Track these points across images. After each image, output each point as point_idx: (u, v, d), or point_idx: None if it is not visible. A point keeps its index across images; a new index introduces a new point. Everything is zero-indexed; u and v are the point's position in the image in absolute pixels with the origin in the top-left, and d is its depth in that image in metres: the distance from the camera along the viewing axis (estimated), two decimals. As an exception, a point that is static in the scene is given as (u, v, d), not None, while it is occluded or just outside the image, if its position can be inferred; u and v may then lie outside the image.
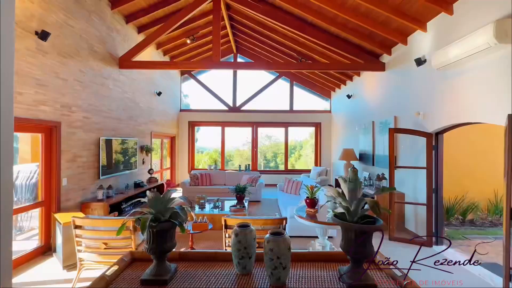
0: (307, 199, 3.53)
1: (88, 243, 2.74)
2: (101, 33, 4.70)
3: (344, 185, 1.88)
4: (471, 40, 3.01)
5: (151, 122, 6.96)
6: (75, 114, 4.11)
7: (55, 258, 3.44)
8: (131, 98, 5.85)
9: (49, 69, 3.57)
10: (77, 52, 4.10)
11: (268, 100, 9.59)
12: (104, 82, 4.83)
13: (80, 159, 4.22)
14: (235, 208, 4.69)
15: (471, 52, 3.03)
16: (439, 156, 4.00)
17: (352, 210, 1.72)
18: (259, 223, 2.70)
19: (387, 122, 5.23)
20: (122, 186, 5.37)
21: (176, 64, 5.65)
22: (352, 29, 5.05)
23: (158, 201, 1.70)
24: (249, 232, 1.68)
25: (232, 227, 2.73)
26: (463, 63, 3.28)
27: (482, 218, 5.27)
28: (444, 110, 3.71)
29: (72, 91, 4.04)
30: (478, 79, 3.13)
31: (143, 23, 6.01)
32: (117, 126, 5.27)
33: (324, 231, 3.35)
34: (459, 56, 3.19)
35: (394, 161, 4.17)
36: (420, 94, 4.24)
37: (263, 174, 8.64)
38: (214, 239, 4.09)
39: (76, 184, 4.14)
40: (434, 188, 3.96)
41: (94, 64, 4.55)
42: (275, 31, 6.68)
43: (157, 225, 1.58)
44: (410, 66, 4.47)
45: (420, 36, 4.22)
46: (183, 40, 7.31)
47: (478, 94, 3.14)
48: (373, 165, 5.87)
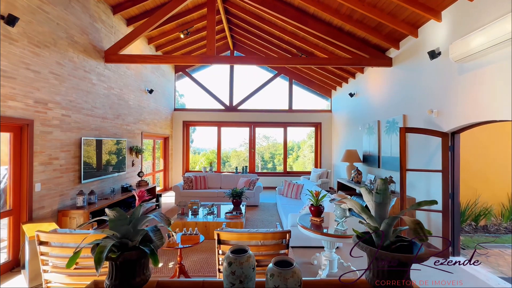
0: (311, 207, 3.13)
1: (55, 262, 2.31)
2: (82, 22, 4.27)
3: (368, 197, 1.46)
4: (499, 26, 2.65)
5: (142, 121, 6.52)
6: (51, 111, 3.67)
7: (22, 275, 2.99)
8: (119, 95, 5.42)
9: (18, 59, 3.13)
10: (53, 41, 3.66)
11: (266, 99, 9.21)
12: (86, 76, 4.39)
13: (57, 161, 3.77)
14: (231, 215, 4.28)
15: (498, 40, 2.67)
16: (455, 158, 3.64)
17: (382, 232, 1.29)
18: (258, 237, 2.29)
19: (395, 121, 4.86)
20: (108, 190, 4.92)
21: (168, 58, 5.22)
22: (357, 20, 4.68)
23: (123, 221, 1.27)
24: (246, 260, 1.27)
25: (227, 242, 2.32)
26: (487, 54, 2.92)
27: (496, 224, 4.93)
28: (462, 107, 3.35)
29: (48, 85, 3.60)
30: (505, 71, 2.76)
31: (132, 15, 5.59)
32: (102, 125, 4.83)
33: (331, 242, 2.95)
34: (484, 45, 2.82)
35: (405, 163, 3.80)
36: (433, 90, 3.88)
37: (261, 176, 8.23)
38: (208, 250, 3.67)
39: (53, 189, 3.69)
40: (451, 193, 3.59)
41: (75, 56, 4.11)
42: (274, 25, 6.30)
43: (119, 255, 1.16)
44: (422, 60, 4.11)
45: (433, 27, 3.86)
46: (176, 34, 6.91)
47: (504, 88, 2.77)
48: (378, 167, 5.50)
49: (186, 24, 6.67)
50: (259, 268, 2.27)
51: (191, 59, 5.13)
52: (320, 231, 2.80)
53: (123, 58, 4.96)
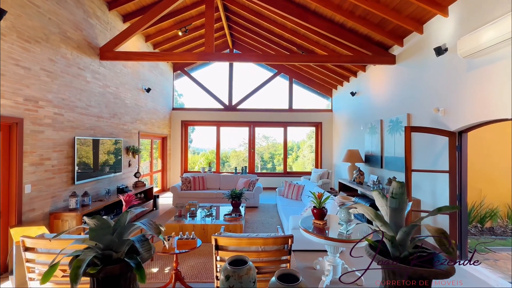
0: (314, 209, 2.99)
1: (42, 269, 2.17)
2: (76, 18, 4.12)
3: (382, 202, 1.32)
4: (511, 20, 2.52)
5: (139, 120, 6.38)
6: (43, 109, 3.52)
7: (10, 282, 2.84)
8: (115, 94, 5.27)
9: (6, 54, 2.98)
10: (44, 37, 3.51)
11: (266, 98, 9.07)
12: (80, 74, 4.24)
13: (49, 161, 3.62)
14: (230, 217, 4.13)
15: (510, 34, 2.54)
16: (462, 158, 3.51)
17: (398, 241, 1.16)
18: (258, 243, 2.15)
19: (398, 121, 4.73)
20: (103, 192, 4.77)
21: (165, 55, 5.08)
22: (360, 16, 4.55)
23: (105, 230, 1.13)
24: (246, 272, 1.14)
25: (225, 248, 2.18)
26: (498, 49, 2.79)
27: (502, 226, 4.80)
28: (470, 104, 3.22)
29: (39, 83, 3.45)
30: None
31: (128, 11, 5.44)
32: (97, 124, 4.68)
33: (335, 247, 2.81)
34: (495, 40, 2.69)
35: (411, 163, 3.67)
36: (439, 88, 3.74)
37: (261, 177, 8.09)
38: (206, 254, 3.53)
39: (44, 191, 3.54)
40: (458, 195, 3.46)
41: (68, 53, 3.96)
42: (274, 23, 6.16)
43: (100, 270, 1.01)
44: (427, 56, 3.98)
45: (439, 22, 3.73)
46: (174, 32, 6.77)
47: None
48: (381, 167, 5.36)
49: (184, 21, 6.52)
50: (260, 275, 2.13)
51: (189, 56, 4.98)
52: (323, 235, 2.66)
53: (119, 56, 4.82)
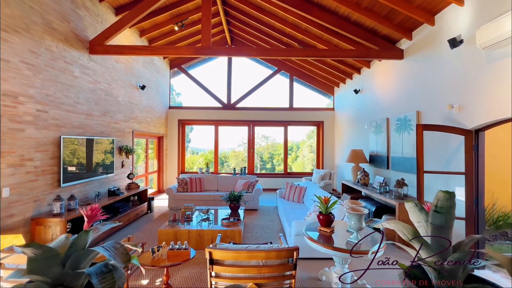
0: (320, 215, 2.72)
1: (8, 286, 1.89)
2: (62, 8, 3.83)
3: (419, 217, 1.02)
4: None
5: (133, 119, 6.09)
6: (23, 105, 3.23)
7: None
8: (106, 90, 4.98)
9: (-21, 44, 2.70)
10: (25, 26, 3.23)
11: (266, 97, 8.79)
12: (67, 68, 3.96)
13: (31, 162, 3.34)
14: (228, 222, 3.85)
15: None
16: (479, 159, 3.24)
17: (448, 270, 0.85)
18: (259, 256, 1.87)
19: (407, 119, 4.46)
20: (93, 195, 4.48)
21: (158, 49, 4.79)
22: (366, 8, 4.28)
23: (51, 261, 0.82)
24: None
25: (221, 262, 1.90)
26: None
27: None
28: (489, 100, 2.95)
29: (19, 76, 3.16)
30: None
31: (121, 3, 5.15)
32: (86, 123, 4.39)
33: (345, 258, 2.53)
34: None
35: (423, 164, 3.40)
36: (453, 83, 3.47)
37: (260, 178, 7.81)
38: (201, 263, 3.24)
39: (25, 194, 3.26)
40: (475, 199, 3.19)
41: (53, 45, 3.67)
42: (275, 16, 5.88)
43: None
44: (439, 50, 3.71)
45: (453, 12, 3.46)
46: (170, 27, 6.48)
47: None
48: (387, 168, 5.09)
49: (180, 15, 6.24)
50: None
51: (184, 50, 4.70)
52: (331, 244, 2.39)
53: (110, 49, 4.53)
